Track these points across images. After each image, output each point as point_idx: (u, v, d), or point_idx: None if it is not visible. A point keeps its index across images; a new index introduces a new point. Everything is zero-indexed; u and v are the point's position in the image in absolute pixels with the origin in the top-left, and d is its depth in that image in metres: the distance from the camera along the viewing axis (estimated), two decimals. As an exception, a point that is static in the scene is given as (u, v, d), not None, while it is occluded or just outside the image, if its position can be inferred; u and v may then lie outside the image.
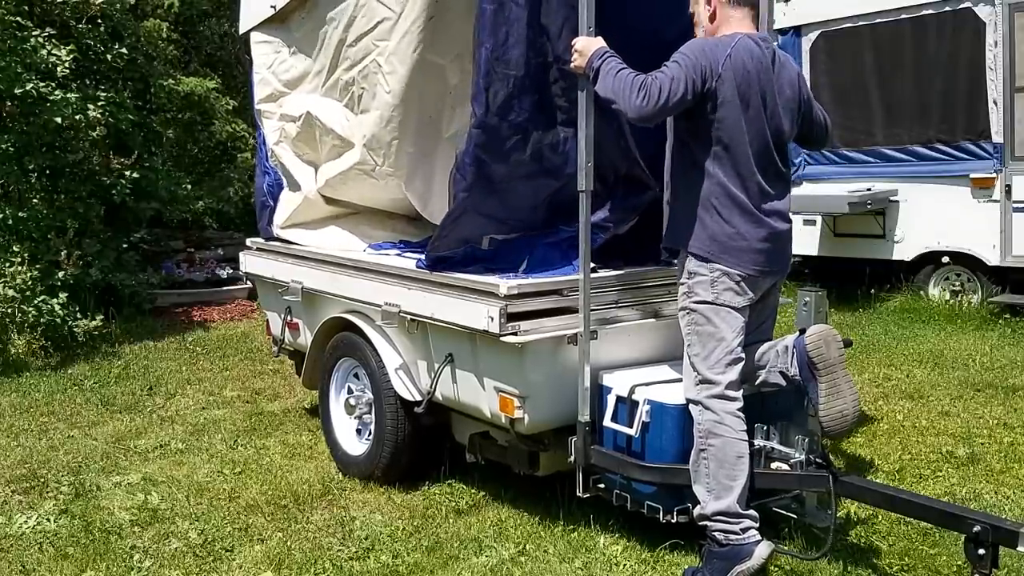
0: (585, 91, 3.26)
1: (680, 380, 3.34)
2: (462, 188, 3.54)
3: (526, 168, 3.60)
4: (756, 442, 3.30)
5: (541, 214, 3.76)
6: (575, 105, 3.35)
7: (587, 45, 3.18)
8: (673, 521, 3.27)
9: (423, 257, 3.74)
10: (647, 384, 3.38)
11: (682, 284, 3.22)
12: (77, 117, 7.60)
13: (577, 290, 3.37)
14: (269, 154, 4.97)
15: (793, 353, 3.17)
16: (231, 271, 9.77)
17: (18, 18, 7.68)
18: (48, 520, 3.88)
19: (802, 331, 3.19)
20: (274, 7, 4.76)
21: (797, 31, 8.64)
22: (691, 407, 3.16)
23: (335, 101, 4.48)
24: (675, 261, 3.76)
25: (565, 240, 3.71)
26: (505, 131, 3.49)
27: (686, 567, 3.22)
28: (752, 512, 3.09)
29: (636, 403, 3.30)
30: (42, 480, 4.39)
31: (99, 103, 7.91)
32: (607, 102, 3.10)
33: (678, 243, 3.23)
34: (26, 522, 3.86)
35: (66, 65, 7.65)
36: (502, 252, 3.70)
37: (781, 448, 3.26)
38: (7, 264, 6.98)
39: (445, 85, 4.05)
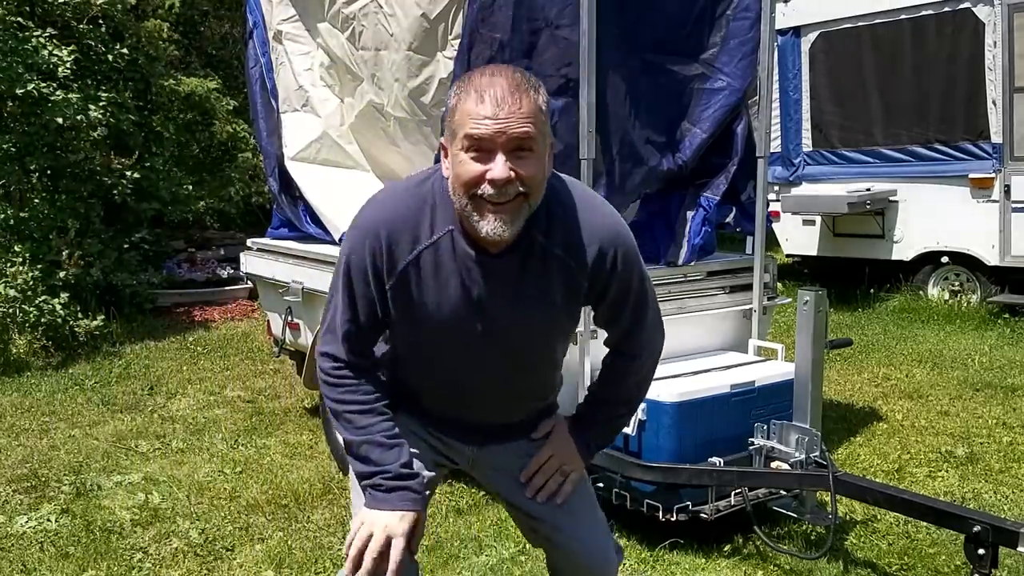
0: (586, 55, 3.17)
1: (676, 377, 3.33)
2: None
3: None
4: (756, 442, 3.31)
5: None
6: (568, 78, 3.26)
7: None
8: (673, 520, 3.27)
9: None
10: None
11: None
12: (78, 117, 7.60)
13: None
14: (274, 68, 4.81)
15: None
16: (232, 271, 9.76)
17: (19, 18, 7.70)
18: (49, 519, 3.88)
19: None
20: None
21: (797, 31, 8.64)
22: None
23: (337, 31, 4.33)
24: (679, 263, 3.76)
25: None
26: None
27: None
28: None
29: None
30: (43, 479, 4.39)
31: (100, 103, 7.91)
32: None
33: None
34: (27, 521, 3.86)
35: (67, 65, 7.66)
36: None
37: (781, 448, 3.27)
38: (8, 264, 7.00)
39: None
